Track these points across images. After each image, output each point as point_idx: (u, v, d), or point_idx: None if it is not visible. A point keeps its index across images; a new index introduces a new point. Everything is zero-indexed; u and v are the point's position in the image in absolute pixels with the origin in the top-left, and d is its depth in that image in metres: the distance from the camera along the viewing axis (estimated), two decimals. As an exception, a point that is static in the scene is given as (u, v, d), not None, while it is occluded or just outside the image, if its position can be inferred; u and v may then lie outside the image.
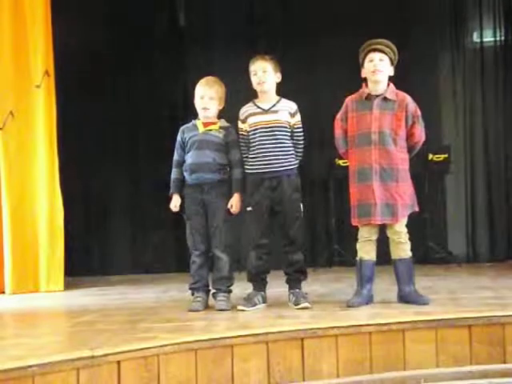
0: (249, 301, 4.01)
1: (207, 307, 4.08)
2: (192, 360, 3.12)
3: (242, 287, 4.30)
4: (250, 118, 4.12)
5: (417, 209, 4.06)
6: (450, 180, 6.86)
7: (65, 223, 5.63)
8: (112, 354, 2.90)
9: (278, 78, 4.14)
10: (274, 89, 4.15)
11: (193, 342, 3.14)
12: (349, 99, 4.08)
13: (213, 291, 4.14)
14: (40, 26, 5.56)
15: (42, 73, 5.55)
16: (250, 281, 4.14)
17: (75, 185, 6.47)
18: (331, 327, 3.35)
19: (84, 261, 6.72)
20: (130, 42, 6.74)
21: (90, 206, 6.93)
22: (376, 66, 3.94)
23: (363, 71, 4.03)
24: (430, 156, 6.36)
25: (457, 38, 6.89)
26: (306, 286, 4.20)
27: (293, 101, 4.16)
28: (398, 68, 4.06)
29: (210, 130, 4.16)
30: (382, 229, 4.00)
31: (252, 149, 4.11)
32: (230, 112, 4.29)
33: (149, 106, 6.77)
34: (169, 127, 6.16)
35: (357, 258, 4.04)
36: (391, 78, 4.03)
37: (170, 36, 7.03)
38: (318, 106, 6.50)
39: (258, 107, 4.13)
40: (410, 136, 3.99)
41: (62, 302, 5.05)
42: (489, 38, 6.86)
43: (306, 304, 3.93)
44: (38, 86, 5.54)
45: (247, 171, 4.13)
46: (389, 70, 3.99)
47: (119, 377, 2.92)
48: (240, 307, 3.96)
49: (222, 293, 4.08)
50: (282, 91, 4.20)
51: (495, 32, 6.81)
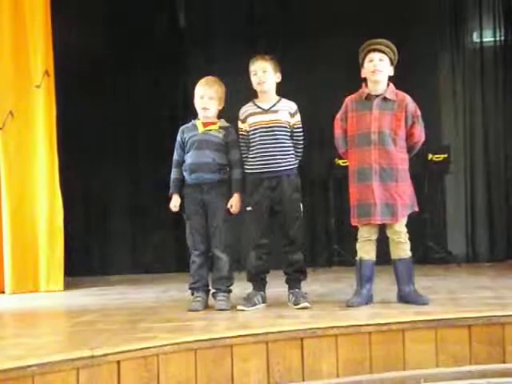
0: (248, 301, 4.01)
1: (207, 307, 4.08)
2: (192, 360, 3.12)
3: (241, 287, 4.30)
4: (250, 117, 4.12)
5: (416, 209, 4.06)
6: (449, 180, 6.86)
7: (65, 223, 5.63)
8: (112, 354, 2.90)
9: (277, 77, 4.14)
10: (273, 89, 4.15)
11: (192, 341, 3.14)
12: (348, 99, 4.08)
13: (212, 291, 4.14)
14: (40, 26, 5.56)
15: (42, 73, 5.55)
16: (249, 281, 4.14)
17: (75, 185, 6.47)
18: (331, 327, 3.35)
19: (84, 261, 6.72)
20: (130, 42, 6.73)
21: (89, 205, 6.92)
22: (376, 66, 3.94)
23: (363, 71, 4.03)
24: (430, 156, 6.36)
25: (457, 37, 6.89)
26: (306, 286, 4.20)
27: (293, 101, 4.17)
28: (398, 68, 4.06)
29: (210, 130, 4.16)
30: (382, 229, 4.00)
31: (252, 149, 4.11)
32: (229, 112, 4.29)
33: (149, 106, 6.77)
34: (169, 127, 6.15)
35: (356, 258, 4.04)
36: (391, 78, 4.03)
37: (170, 36, 7.02)
38: (317, 106, 6.49)
39: (258, 107, 4.13)
40: (409, 136, 3.99)
41: (62, 301, 5.05)
42: (489, 37, 6.86)
43: (306, 304, 3.93)
44: (37, 86, 5.54)
45: (247, 171, 4.13)
46: (388, 70, 3.99)
47: (119, 377, 2.92)
48: (240, 307, 3.96)
49: (221, 293, 4.08)
50: (282, 91, 4.20)
51: (495, 32, 6.81)
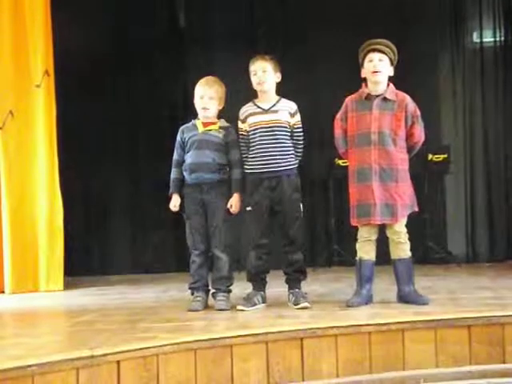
0: (248, 301, 4.01)
1: (207, 307, 4.08)
2: (191, 360, 3.12)
3: (241, 287, 4.30)
4: (250, 117, 4.12)
5: (416, 209, 4.06)
6: (449, 180, 6.86)
7: (65, 223, 5.63)
8: (111, 354, 2.90)
9: (277, 77, 4.14)
10: (273, 89, 4.15)
11: (192, 341, 3.14)
12: (348, 99, 4.08)
13: (212, 291, 4.14)
14: (40, 26, 5.56)
15: (42, 72, 5.55)
16: (249, 281, 4.14)
17: (75, 184, 6.47)
18: (331, 327, 3.35)
19: (84, 261, 6.72)
20: (130, 42, 6.74)
21: (89, 205, 6.92)
22: (376, 67, 3.94)
23: (363, 71, 4.03)
24: (430, 156, 6.36)
25: (457, 37, 6.88)
26: (306, 286, 4.20)
27: (293, 101, 4.17)
28: (398, 68, 4.05)
29: (210, 129, 4.16)
30: (382, 229, 4.00)
31: (252, 149, 4.11)
32: (229, 112, 4.29)
33: (149, 106, 6.77)
34: (169, 127, 6.15)
35: (356, 258, 4.04)
36: (391, 78, 4.03)
37: (170, 36, 7.02)
38: (317, 106, 6.49)
39: (258, 107, 4.13)
40: (409, 136, 3.99)
41: (62, 301, 5.05)
42: (489, 38, 6.85)
43: (306, 304, 3.93)
44: (37, 86, 5.54)
45: (247, 171, 4.13)
46: (388, 70, 3.99)
47: (119, 376, 2.92)
48: (239, 307, 3.96)
49: (221, 292, 4.08)
50: (282, 91, 4.20)
51: (495, 32, 6.81)
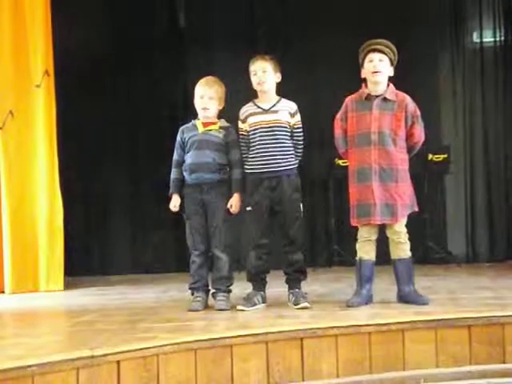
0: (248, 301, 4.01)
1: (207, 307, 4.08)
2: (191, 360, 3.12)
3: (241, 287, 4.30)
4: (250, 117, 4.12)
5: (416, 209, 4.06)
6: (449, 180, 6.86)
7: (65, 223, 5.63)
8: (111, 354, 2.90)
9: (277, 78, 4.14)
10: (273, 89, 4.15)
11: (192, 341, 3.14)
12: (348, 99, 4.08)
13: (212, 291, 4.14)
14: (40, 26, 5.56)
15: (42, 72, 5.55)
16: (249, 281, 4.14)
17: (75, 184, 6.47)
18: (331, 327, 3.35)
19: (84, 261, 6.72)
20: (130, 41, 6.74)
21: (89, 205, 6.91)
22: (376, 67, 3.94)
23: (363, 71, 4.02)
24: (430, 156, 6.36)
25: (457, 37, 6.89)
26: (306, 286, 4.20)
27: (293, 101, 4.17)
28: (398, 68, 4.05)
29: (210, 130, 4.16)
30: (382, 229, 4.00)
31: (252, 149, 4.11)
32: (229, 112, 4.29)
33: (149, 106, 6.77)
34: (169, 127, 6.15)
35: (356, 258, 4.04)
36: (391, 78, 4.03)
37: (170, 36, 7.02)
38: (317, 106, 6.49)
39: (258, 107, 4.13)
40: (409, 136, 3.99)
41: (62, 301, 5.05)
42: (488, 38, 6.86)
43: (306, 304, 3.93)
44: (37, 86, 5.54)
45: (247, 171, 4.13)
46: (388, 70, 3.99)
47: (119, 376, 2.92)
48: (239, 307, 3.96)
49: (221, 293, 4.08)
50: (282, 91, 4.20)
51: (495, 32, 6.81)
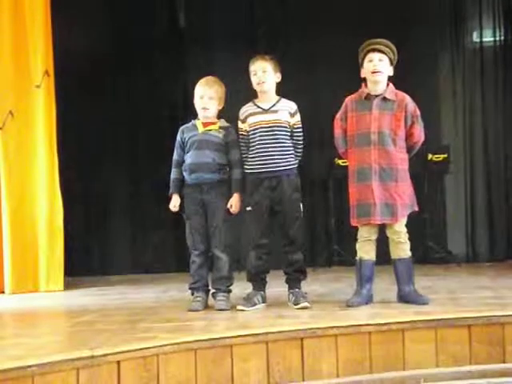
0: (248, 300, 4.01)
1: (207, 307, 4.08)
2: (191, 360, 3.12)
3: (241, 287, 4.30)
4: (250, 117, 4.12)
5: (416, 209, 4.06)
6: (449, 180, 6.86)
7: (65, 223, 5.63)
8: (112, 354, 2.90)
9: (277, 77, 4.14)
10: (273, 89, 4.15)
11: (192, 341, 3.14)
12: (348, 99, 4.08)
13: (212, 291, 4.14)
14: (40, 26, 5.56)
15: (42, 73, 5.55)
16: (249, 280, 4.14)
17: (75, 185, 6.48)
18: (331, 327, 3.35)
19: (84, 261, 6.72)
20: (130, 41, 6.74)
21: (89, 206, 6.91)
22: (375, 67, 3.94)
23: (363, 71, 4.02)
24: (430, 156, 6.35)
25: (457, 37, 6.89)
26: (306, 286, 4.20)
27: (293, 101, 4.17)
28: (398, 68, 4.05)
29: (210, 130, 4.16)
30: (382, 229, 4.00)
31: (252, 149, 4.11)
32: (229, 112, 4.29)
33: (149, 106, 6.77)
34: (169, 127, 6.15)
35: (356, 258, 4.04)
36: (391, 78, 4.03)
37: (170, 36, 7.02)
38: (317, 106, 6.49)
39: (258, 107, 4.13)
40: (409, 136, 3.99)
41: (62, 301, 5.05)
42: (488, 37, 6.86)
43: (306, 304, 3.93)
44: (37, 86, 5.54)
45: (247, 171, 4.13)
46: (388, 70, 3.99)
47: (119, 377, 2.92)
48: (239, 307, 3.96)
49: (221, 292, 4.08)
50: (282, 91, 4.20)
51: (495, 32, 6.81)
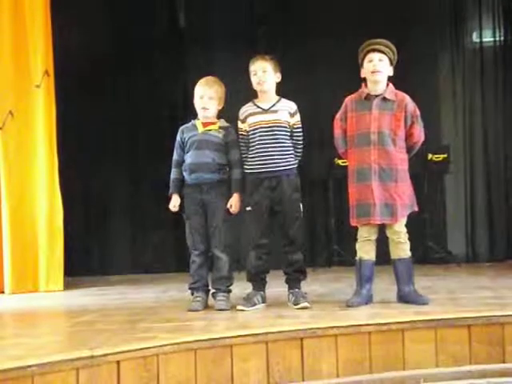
0: (248, 301, 4.01)
1: (207, 307, 4.08)
2: (191, 360, 3.12)
3: (241, 287, 4.30)
4: (250, 117, 4.12)
5: (416, 209, 4.06)
6: (449, 180, 6.87)
7: (65, 223, 5.63)
8: (111, 354, 2.90)
9: (277, 77, 4.14)
10: (273, 89, 4.15)
11: (192, 341, 3.14)
12: (348, 99, 4.08)
13: (212, 291, 4.14)
14: (40, 26, 5.56)
15: (42, 73, 5.55)
16: (249, 281, 4.14)
17: (75, 185, 6.48)
18: (331, 327, 3.35)
19: (84, 261, 6.72)
20: (130, 41, 6.74)
21: (89, 206, 6.92)
22: (375, 67, 3.93)
23: (362, 71, 4.02)
24: (430, 156, 6.36)
25: (456, 37, 6.89)
26: (306, 286, 4.20)
27: (293, 101, 4.17)
28: (398, 68, 4.05)
29: (210, 130, 4.16)
30: (382, 229, 4.00)
31: (251, 149, 4.11)
32: (229, 112, 4.29)
33: (149, 106, 6.77)
34: (169, 127, 6.15)
35: (356, 258, 4.04)
36: (391, 78, 4.03)
37: (170, 36, 7.03)
38: (317, 106, 6.50)
39: (258, 107, 4.13)
40: (409, 136, 3.99)
41: (62, 301, 5.05)
42: (488, 37, 6.86)
43: (306, 304, 3.93)
44: (37, 86, 5.54)
45: (247, 171, 4.13)
46: (388, 70, 3.99)
47: (119, 377, 2.92)
48: (239, 307, 3.96)
49: (221, 292, 4.08)
50: (282, 91, 4.20)
51: (495, 32, 6.82)
